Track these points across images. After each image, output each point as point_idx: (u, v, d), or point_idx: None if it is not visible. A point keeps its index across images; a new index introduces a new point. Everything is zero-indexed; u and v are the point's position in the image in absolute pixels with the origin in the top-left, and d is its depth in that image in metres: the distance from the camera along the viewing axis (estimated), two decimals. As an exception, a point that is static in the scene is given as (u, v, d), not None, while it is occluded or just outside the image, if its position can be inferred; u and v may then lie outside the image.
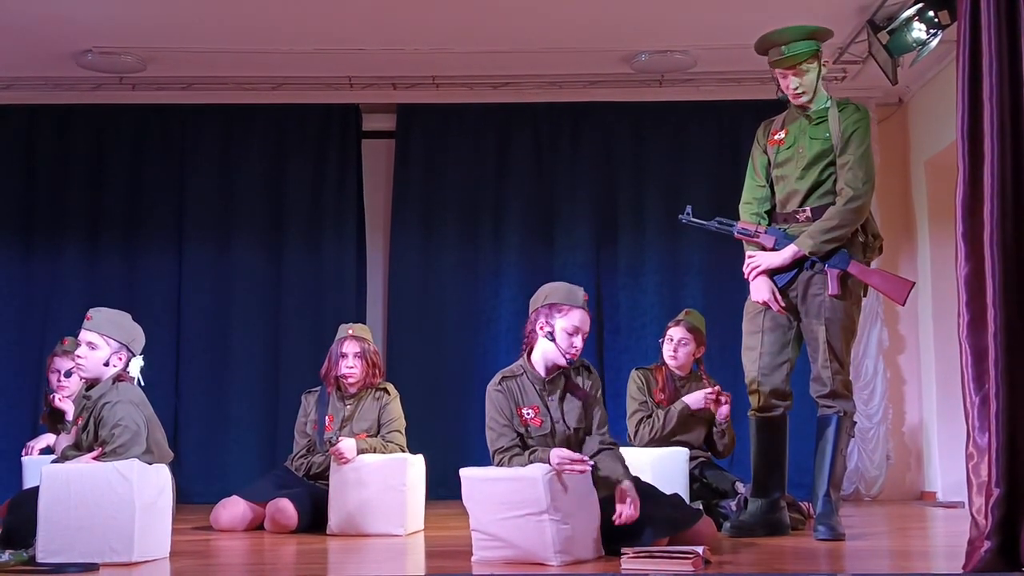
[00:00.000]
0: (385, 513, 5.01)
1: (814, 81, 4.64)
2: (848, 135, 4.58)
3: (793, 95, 4.67)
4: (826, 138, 4.61)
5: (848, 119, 4.60)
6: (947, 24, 5.67)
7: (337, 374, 5.39)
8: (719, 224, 4.79)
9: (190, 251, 7.40)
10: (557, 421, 4.10)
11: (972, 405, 3.20)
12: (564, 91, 7.35)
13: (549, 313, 4.10)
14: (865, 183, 4.54)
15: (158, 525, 4.04)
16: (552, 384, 4.14)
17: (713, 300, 6.96)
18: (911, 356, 7.45)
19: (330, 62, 6.94)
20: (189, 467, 6.79)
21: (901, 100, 7.55)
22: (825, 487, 4.52)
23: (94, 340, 4.24)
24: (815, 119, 4.66)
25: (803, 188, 4.63)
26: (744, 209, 4.80)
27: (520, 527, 3.73)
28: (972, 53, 3.27)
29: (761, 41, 4.69)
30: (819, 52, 4.64)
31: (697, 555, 3.55)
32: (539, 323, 4.11)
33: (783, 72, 4.65)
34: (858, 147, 4.57)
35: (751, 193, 4.80)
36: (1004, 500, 3.06)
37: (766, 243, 4.65)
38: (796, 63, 4.60)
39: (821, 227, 4.52)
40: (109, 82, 7.14)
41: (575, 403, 4.14)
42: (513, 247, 7.43)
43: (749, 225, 4.71)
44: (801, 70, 4.61)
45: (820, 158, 4.61)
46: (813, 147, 4.62)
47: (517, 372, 4.16)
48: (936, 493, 7.04)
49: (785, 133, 4.72)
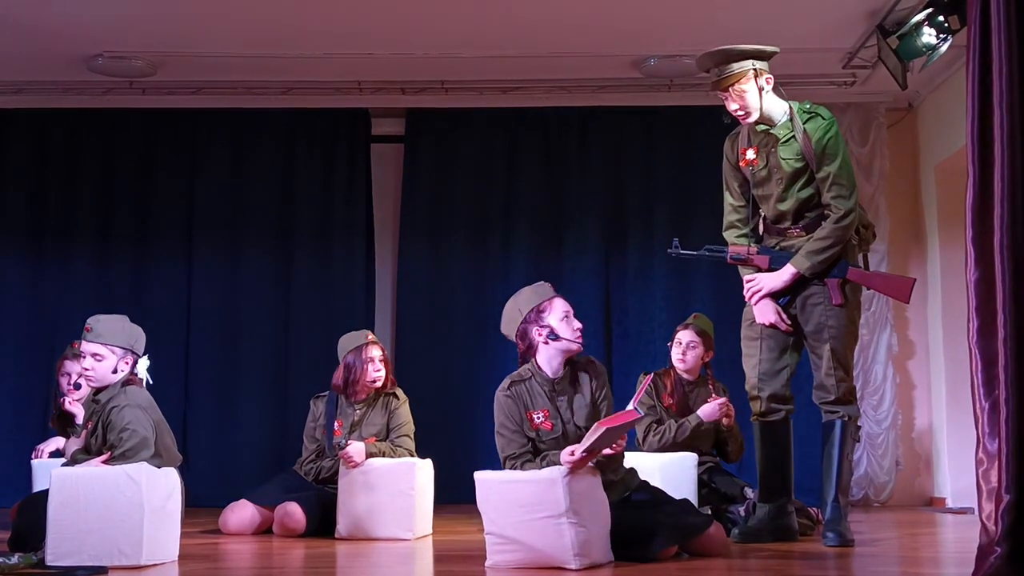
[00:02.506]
0: (394, 517, 5.01)
1: (755, 100, 4.56)
2: (822, 148, 4.53)
3: (739, 117, 4.63)
4: (799, 156, 4.57)
5: (816, 133, 4.54)
6: (957, 29, 5.66)
7: (367, 380, 5.38)
8: (709, 252, 4.79)
9: (199, 254, 7.42)
10: (568, 423, 4.10)
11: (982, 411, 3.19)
12: (573, 95, 7.35)
13: (537, 318, 4.12)
14: (852, 194, 4.54)
15: (167, 528, 4.04)
16: (561, 385, 4.15)
17: (722, 304, 6.92)
18: (920, 361, 7.43)
19: (340, 67, 6.95)
20: (198, 470, 6.79)
21: (911, 105, 7.53)
22: (833, 493, 4.51)
23: (98, 351, 4.25)
24: (782, 138, 4.61)
25: (789, 208, 4.62)
26: (729, 234, 4.78)
27: (538, 530, 3.72)
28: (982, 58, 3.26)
29: (698, 61, 4.65)
30: (756, 70, 4.54)
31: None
32: (533, 333, 4.12)
33: (723, 95, 4.61)
34: (834, 158, 4.53)
35: (733, 215, 4.78)
36: (1014, 506, 3.04)
37: (761, 264, 4.65)
38: (728, 85, 4.55)
39: (816, 247, 4.52)
40: (119, 86, 7.16)
41: (584, 402, 4.14)
42: (522, 251, 7.44)
43: (740, 249, 4.70)
44: (736, 91, 4.55)
45: (798, 176, 4.58)
46: (789, 166, 4.58)
47: (526, 376, 4.16)
48: (946, 499, 7.02)
49: (755, 152, 4.67)
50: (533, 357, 4.15)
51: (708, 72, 4.63)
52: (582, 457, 3.76)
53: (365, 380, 5.37)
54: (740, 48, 4.56)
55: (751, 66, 4.55)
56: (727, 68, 4.53)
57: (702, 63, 4.63)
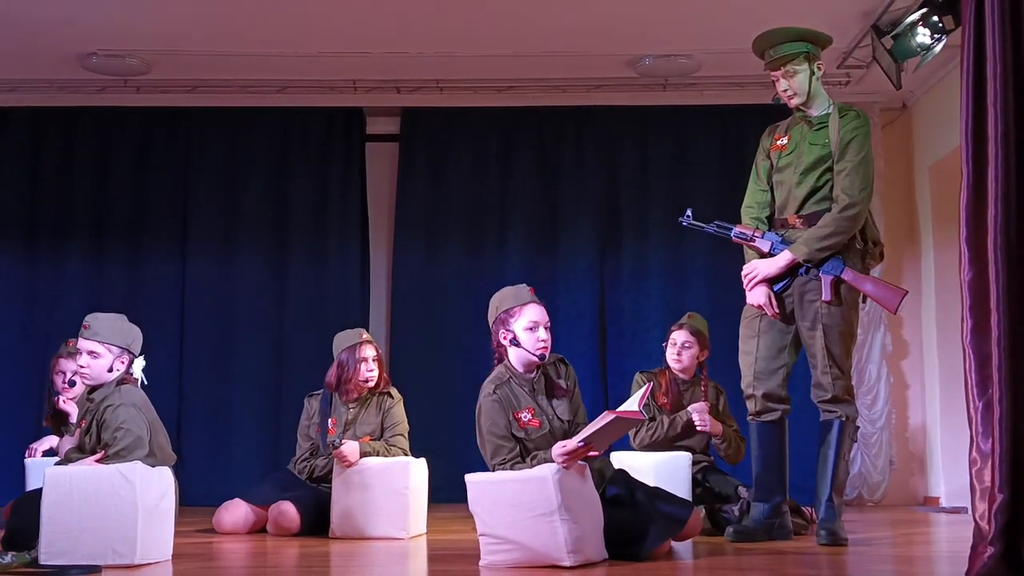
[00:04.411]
0: (388, 516, 5.01)
1: (805, 83, 4.61)
2: (847, 141, 4.56)
3: (786, 98, 4.67)
4: (825, 144, 4.59)
5: (847, 125, 4.58)
6: (951, 29, 5.67)
7: (359, 379, 5.38)
8: (718, 227, 4.79)
9: (193, 253, 7.41)
10: (552, 418, 4.13)
11: (975, 410, 3.19)
12: (568, 95, 7.35)
13: (505, 320, 4.15)
14: (862, 190, 4.51)
15: (161, 527, 4.04)
16: (538, 384, 4.18)
17: (716, 304, 6.93)
18: (914, 361, 7.44)
19: (334, 65, 6.95)
20: (192, 470, 6.79)
21: (905, 105, 7.54)
22: (828, 492, 4.51)
23: (95, 348, 4.25)
24: (816, 125, 4.65)
25: (800, 194, 4.61)
26: (745, 213, 4.80)
27: (531, 528, 3.71)
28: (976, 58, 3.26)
29: (755, 42, 4.69)
30: (810, 54, 4.61)
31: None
32: (500, 335, 4.16)
33: (774, 74, 4.66)
34: (856, 154, 4.54)
35: (752, 197, 4.79)
36: (1007, 505, 3.04)
37: (762, 247, 4.64)
38: (783, 64, 4.59)
39: (815, 234, 4.51)
40: (114, 85, 7.15)
41: (562, 397, 4.19)
42: (516, 250, 7.44)
43: (747, 229, 4.70)
44: (789, 71, 4.60)
45: (818, 164, 4.59)
46: (812, 152, 4.60)
47: (504, 377, 4.17)
48: (939, 498, 7.04)
49: (788, 139, 4.71)
50: (505, 356, 4.18)
51: (762, 57, 4.66)
52: (578, 447, 3.76)
53: (357, 379, 5.37)
54: (796, 29, 4.60)
55: (805, 48, 4.59)
56: (781, 48, 4.57)
57: (757, 44, 4.65)
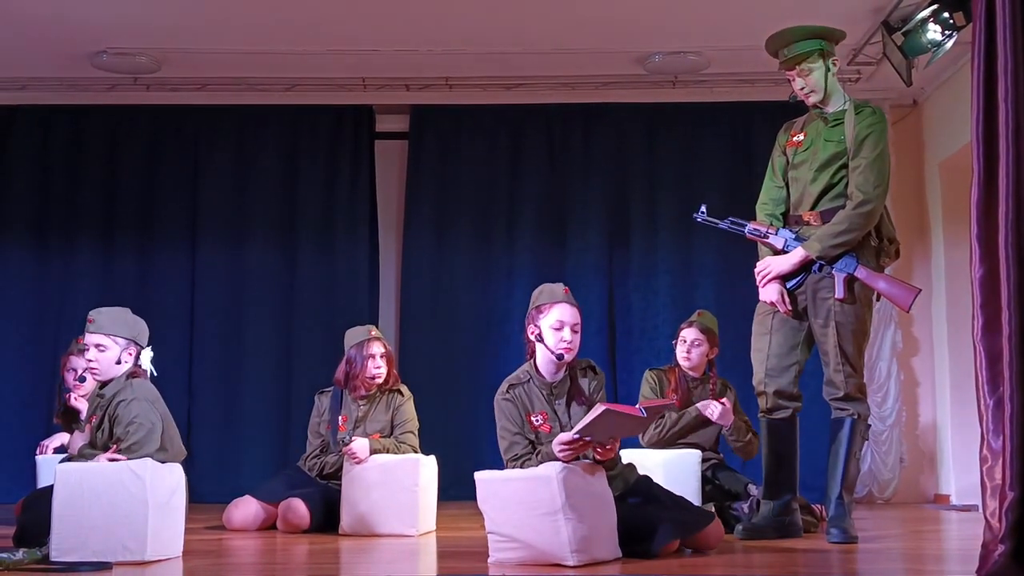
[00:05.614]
0: (397, 513, 5.01)
1: (821, 80, 4.60)
2: (862, 138, 4.54)
3: (803, 96, 4.67)
4: (840, 140, 4.58)
5: (863, 122, 4.56)
6: (962, 25, 5.65)
7: (366, 376, 5.38)
8: (732, 224, 4.78)
9: (203, 251, 7.42)
10: (565, 425, 4.08)
11: (986, 408, 3.18)
12: (577, 92, 7.35)
13: (535, 316, 4.14)
14: (877, 187, 4.49)
15: (171, 524, 4.05)
16: (559, 388, 4.15)
17: (726, 302, 6.93)
18: (925, 358, 7.42)
19: (344, 63, 6.96)
20: (202, 466, 6.80)
21: (915, 102, 7.52)
22: (838, 490, 4.50)
23: (101, 341, 4.26)
24: (831, 121, 4.64)
25: (815, 191, 4.60)
26: (760, 209, 4.79)
27: (536, 527, 3.71)
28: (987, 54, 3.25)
29: (768, 42, 4.68)
30: (824, 51, 4.60)
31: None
32: (529, 329, 4.16)
33: (789, 74, 4.65)
34: (872, 150, 4.52)
35: (768, 194, 4.78)
36: (1018, 503, 3.04)
37: (776, 244, 4.63)
38: (797, 63, 4.59)
39: (830, 231, 4.50)
40: (123, 83, 7.17)
41: (582, 406, 4.13)
42: (525, 248, 7.44)
43: (761, 226, 4.69)
44: (804, 70, 4.59)
45: (833, 160, 4.58)
46: (827, 149, 4.59)
47: (523, 378, 4.16)
48: (950, 496, 7.02)
49: (804, 135, 4.70)
50: (533, 353, 4.17)
51: (776, 56, 4.66)
52: (575, 440, 3.75)
53: (365, 376, 5.37)
54: (809, 27, 4.59)
55: (819, 46, 4.58)
56: (795, 47, 4.57)
57: (771, 44, 4.65)
